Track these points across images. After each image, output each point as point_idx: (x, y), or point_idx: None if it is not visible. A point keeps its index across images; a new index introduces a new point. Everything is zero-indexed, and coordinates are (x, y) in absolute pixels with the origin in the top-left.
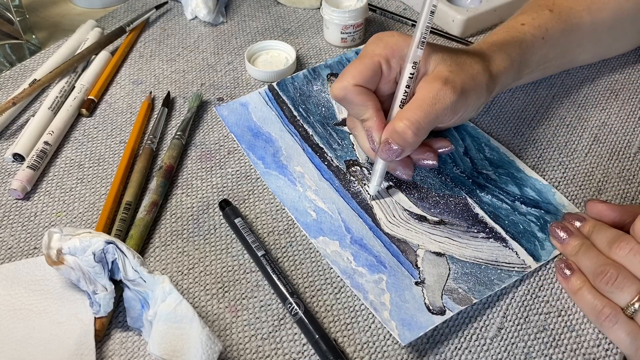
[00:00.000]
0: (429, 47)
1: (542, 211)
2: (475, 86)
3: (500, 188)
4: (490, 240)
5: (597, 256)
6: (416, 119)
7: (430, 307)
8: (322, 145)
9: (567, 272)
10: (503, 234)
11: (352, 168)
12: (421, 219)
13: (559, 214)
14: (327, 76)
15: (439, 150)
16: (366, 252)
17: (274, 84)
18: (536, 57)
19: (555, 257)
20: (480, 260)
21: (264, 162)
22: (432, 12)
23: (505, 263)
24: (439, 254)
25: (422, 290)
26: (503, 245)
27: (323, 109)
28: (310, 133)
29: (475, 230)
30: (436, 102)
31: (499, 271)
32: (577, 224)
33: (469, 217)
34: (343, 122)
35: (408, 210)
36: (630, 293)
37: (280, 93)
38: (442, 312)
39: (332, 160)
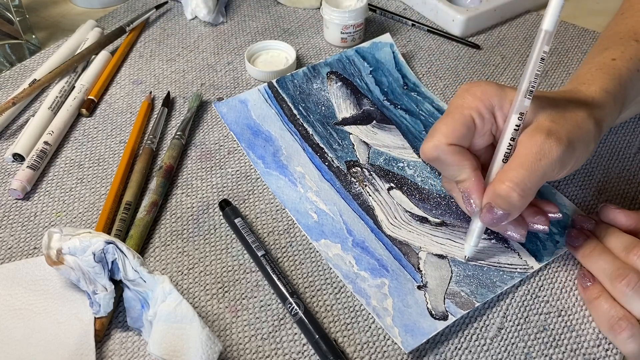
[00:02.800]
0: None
1: None
2: (581, 135)
3: None
4: (492, 241)
5: (614, 259)
6: (521, 179)
7: (433, 312)
8: (322, 145)
9: (588, 283)
10: None
11: (353, 169)
12: (423, 220)
13: (561, 213)
14: (327, 74)
15: (550, 215)
16: (368, 256)
17: (274, 82)
18: (634, 92)
19: (558, 256)
20: (482, 262)
21: (264, 161)
22: (543, 59)
23: (508, 264)
24: (441, 256)
25: (425, 294)
26: (505, 247)
27: (323, 107)
28: (310, 132)
29: None
30: (541, 158)
31: (501, 273)
32: (589, 226)
33: (470, 219)
34: (343, 122)
35: (409, 212)
36: None
37: (280, 91)
38: (444, 317)
39: (333, 161)
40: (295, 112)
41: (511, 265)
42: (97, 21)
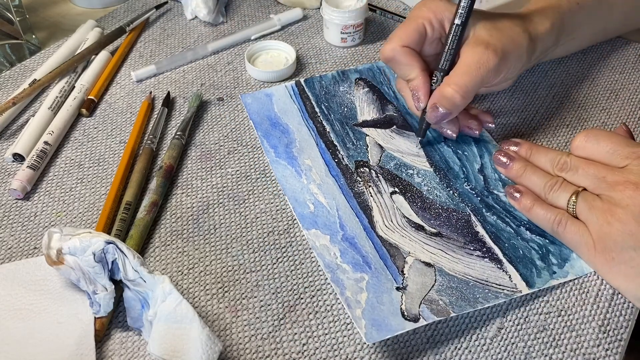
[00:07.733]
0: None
1: (547, 241)
2: (515, 48)
3: (508, 211)
4: (485, 260)
5: (544, 174)
6: (464, 83)
7: (405, 313)
8: (336, 143)
9: (517, 194)
10: (500, 255)
11: (361, 169)
12: (419, 228)
13: (564, 247)
14: (355, 80)
15: (486, 124)
16: (354, 251)
17: (301, 80)
18: (572, 23)
19: (552, 287)
20: (469, 277)
21: (275, 150)
22: None
23: (495, 284)
24: (428, 264)
25: (402, 296)
26: (497, 267)
27: (345, 109)
28: (328, 130)
29: (471, 248)
30: (480, 66)
31: (486, 290)
32: (514, 148)
33: (467, 234)
34: (363, 124)
35: (407, 218)
36: (569, 192)
37: (306, 89)
38: (415, 320)
39: (343, 159)
40: (317, 109)
41: (499, 285)
42: (97, 21)
